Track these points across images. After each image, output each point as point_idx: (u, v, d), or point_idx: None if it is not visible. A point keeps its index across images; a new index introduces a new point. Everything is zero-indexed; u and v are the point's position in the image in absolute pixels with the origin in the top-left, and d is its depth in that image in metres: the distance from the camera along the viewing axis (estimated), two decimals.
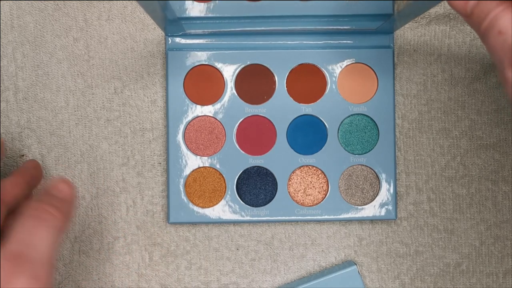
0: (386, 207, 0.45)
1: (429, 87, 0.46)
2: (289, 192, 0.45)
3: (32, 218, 0.36)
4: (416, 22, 0.46)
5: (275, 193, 0.45)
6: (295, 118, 0.45)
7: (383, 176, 0.45)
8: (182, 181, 0.45)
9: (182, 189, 0.45)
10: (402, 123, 0.46)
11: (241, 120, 0.45)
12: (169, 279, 0.46)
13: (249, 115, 0.45)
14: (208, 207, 0.45)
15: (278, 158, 0.45)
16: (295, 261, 0.46)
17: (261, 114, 0.45)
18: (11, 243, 0.35)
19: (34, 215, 0.36)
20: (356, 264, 0.45)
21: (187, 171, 0.45)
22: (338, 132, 0.45)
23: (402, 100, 0.46)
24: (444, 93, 0.46)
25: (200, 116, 0.45)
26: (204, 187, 0.45)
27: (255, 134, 0.45)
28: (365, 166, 0.45)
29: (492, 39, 0.32)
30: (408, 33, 0.46)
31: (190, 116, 0.45)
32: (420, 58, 0.46)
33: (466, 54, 0.46)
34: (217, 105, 0.45)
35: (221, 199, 0.45)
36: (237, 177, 0.45)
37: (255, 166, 0.45)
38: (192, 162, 0.45)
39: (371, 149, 0.45)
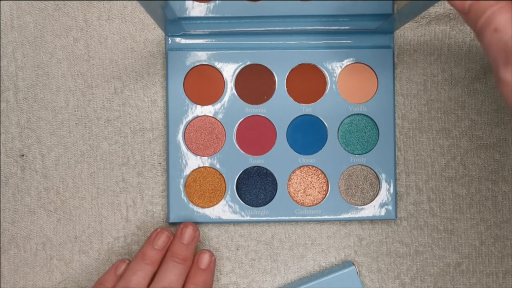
0: (386, 207, 0.45)
1: (429, 87, 0.46)
2: (289, 192, 0.45)
3: None
4: (416, 22, 0.46)
5: (275, 193, 0.45)
6: (295, 118, 0.45)
7: (383, 176, 0.45)
8: (182, 181, 0.45)
9: (182, 189, 0.45)
10: (402, 123, 0.46)
11: (241, 120, 0.45)
12: None
13: (249, 115, 0.45)
14: (208, 207, 0.45)
15: (278, 158, 0.45)
16: (295, 261, 0.46)
17: (261, 114, 0.45)
18: None
19: None
20: (354, 265, 0.45)
21: (187, 171, 0.45)
22: (338, 132, 0.45)
23: (402, 100, 0.46)
24: (444, 93, 0.46)
25: (200, 116, 0.45)
26: (204, 187, 0.45)
27: (255, 134, 0.45)
28: (365, 166, 0.45)
29: (488, 36, 0.31)
30: (408, 33, 0.46)
31: (190, 116, 0.45)
32: (420, 58, 0.46)
33: (466, 54, 0.46)
34: (217, 105, 0.45)
35: (221, 199, 0.45)
36: (237, 177, 0.45)
37: (255, 166, 0.45)
38: (192, 162, 0.45)
39: (371, 149, 0.45)
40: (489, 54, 0.32)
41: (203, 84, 0.45)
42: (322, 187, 0.45)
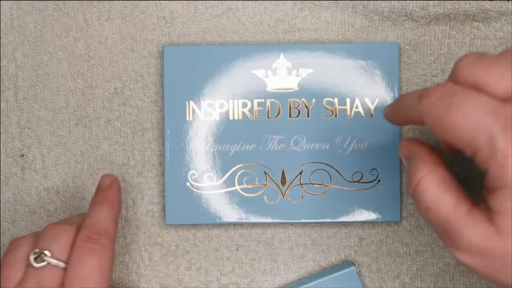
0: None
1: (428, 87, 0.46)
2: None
3: None
4: (416, 22, 0.46)
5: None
6: None
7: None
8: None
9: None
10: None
11: None
12: (169, 279, 0.46)
13: None
14: None
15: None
16: (295, 261, 0.46)
17: None
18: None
19: None
20: (354, 265, 0.45)
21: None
22: None
23: None
24: None
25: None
26: None
27: None
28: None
29: (424, 215, 0.30)
30: (408, 33, 0.46)
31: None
32: (420, 58, 0.46)
33: None
34: None
35: None
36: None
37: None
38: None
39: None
40: (430, 226, 0.30)
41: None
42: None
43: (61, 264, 0.34)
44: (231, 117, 0.45)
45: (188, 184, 0.45)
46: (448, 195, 0.29)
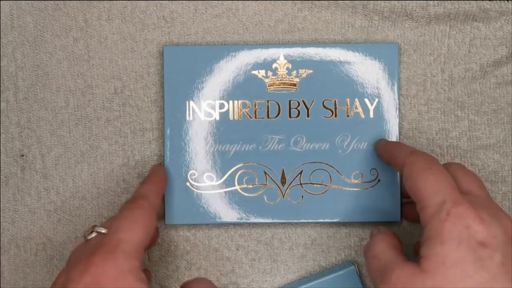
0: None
1: (428, 87, 0.46)
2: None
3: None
4: (416, 22, 0.46)
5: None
6: None
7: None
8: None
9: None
10: (401, 123, 0.46)
11: None
12: (169, 279, 0.46)
13: None
14: None
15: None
16: (295, 261, 0.46)
17: None
18: None
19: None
20: (354, 264, 0.45)
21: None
22: None
23: (402, 100, 0.46)
24: (443, 93, 0.46)
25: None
26: None
27: None
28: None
29: (369, 261, 0.37)
30: (408, 33, 0.46)
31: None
32: (420, 58, 0.46)
33: (466, 54, 0.46)
34: None
35: None
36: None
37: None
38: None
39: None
40: (370, 275, 0.36)
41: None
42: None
43: (103, 230, 0.36)
44: (231, 117, 0.45)
45: (188, 184, 0.45)
46: (392, 251, 0.36)
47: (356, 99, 0.45)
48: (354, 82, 0.45)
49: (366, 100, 0.45)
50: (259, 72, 0.45)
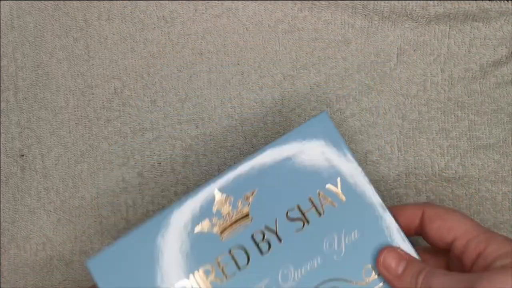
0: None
1: (428, 87, 0.46)
2: None
3: None
4: (416, 22, 0.46)
5: None
6: None
7: None
8: None
9: None
10: (402, 123, 0.46)
11: None
12: None
13: None
14: None
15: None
16: None
17: None
18: None
19: None
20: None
21: None
22: None
23: (403, 100, 0.46)
24: (443, 94, 0.46)
25: None
26: None
27: None
28: None
29: None
30: (408, 33, 0.46)
31: None
32: (420, 58, 0.46)
33: (466, 54, 0.46)
34: None
35: None
36: None
37: None
38: None
39: None
40: None
41: None
42: None
43: None
44: None
45: None
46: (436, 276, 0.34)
47: (318, 191, 0.38)
48: (305, 175, 0.38)
49: (329, 186, 0.38)
50: (202, 226, 0.37)
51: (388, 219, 0.38)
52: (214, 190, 0.37)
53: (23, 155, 0.46)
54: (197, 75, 0.47)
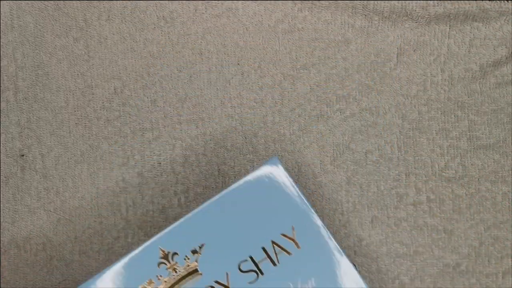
0: None
1: (428, 87, 0.46)
2: None
3: None
4: (416, 22, 0.46)
5: None
6: None
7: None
8: None
9: None
10: (402, 123, 0.46)
11: None
12: None
13: None
14: None
15: None
16: None
17: None
18: None
19: None
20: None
21: None
22: None
23: (403, 100, 0.46)
24: (443, 94, 0.46)
25: None
26: None
27: None
28: None
29: None
30: (408, 33, 0.46)
31: None
32: (420, 58, 0.46)
33: (466, 54, 0.46)
34: None
35: None
36: None
37: None
38: None
39: None
40: None
41: None
42: None
43: None
44: None
45: None
46: None
47: (272, 240, 0.36)
48: (258, 224, 0.37)
49: (283, 234, 0.36)
50: (145, 286, 0.36)
51: (345, 264, 0.36)
52: (156, 248, 0.36)
53: (23, 155, 0.46)
54: (197, 75, 0.47)
